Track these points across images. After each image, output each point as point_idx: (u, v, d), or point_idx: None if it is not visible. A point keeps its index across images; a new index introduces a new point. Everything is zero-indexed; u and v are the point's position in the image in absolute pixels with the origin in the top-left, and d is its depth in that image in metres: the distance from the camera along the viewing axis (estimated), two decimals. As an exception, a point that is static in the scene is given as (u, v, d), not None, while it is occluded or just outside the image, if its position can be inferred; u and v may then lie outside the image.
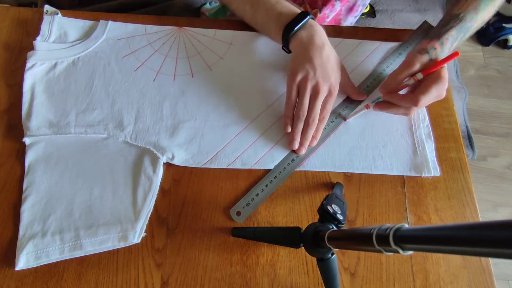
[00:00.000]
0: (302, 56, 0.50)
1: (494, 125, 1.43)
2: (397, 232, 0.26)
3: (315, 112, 0.49)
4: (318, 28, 0.51)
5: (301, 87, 0.50)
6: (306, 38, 0.50)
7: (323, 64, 0.49)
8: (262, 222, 0.48)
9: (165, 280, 0.44)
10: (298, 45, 0.50)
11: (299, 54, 0.50)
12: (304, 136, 0.50)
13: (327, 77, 0.49)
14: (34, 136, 0.49)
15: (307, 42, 0.50)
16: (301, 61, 0.50)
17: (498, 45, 1.56)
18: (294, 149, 0.51)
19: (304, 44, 0.50)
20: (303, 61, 0.49)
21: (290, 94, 0.51)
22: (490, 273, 0.47)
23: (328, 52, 0.50)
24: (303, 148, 0.50)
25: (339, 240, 0.35)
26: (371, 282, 0.46)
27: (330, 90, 0.50)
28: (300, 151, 0.50)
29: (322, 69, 0.49)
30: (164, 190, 0.48)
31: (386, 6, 1.03)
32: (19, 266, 0.42)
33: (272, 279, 0.45)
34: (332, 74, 0.49)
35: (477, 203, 0.51)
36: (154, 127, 0.51)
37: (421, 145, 0.53)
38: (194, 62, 0.56)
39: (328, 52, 0.50)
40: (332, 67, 0.50)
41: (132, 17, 0.59)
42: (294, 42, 0.51)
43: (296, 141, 0.50)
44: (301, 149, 0.50)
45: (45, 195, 0.46)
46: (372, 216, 0.49)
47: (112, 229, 0.45)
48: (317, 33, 0.50)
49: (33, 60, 0.52)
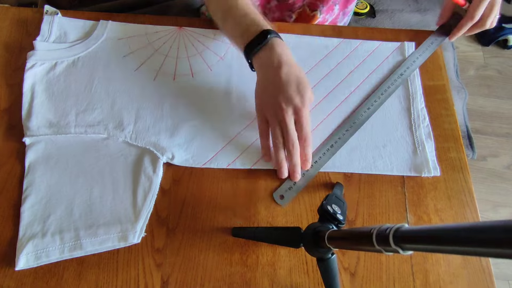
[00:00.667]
0: (263, 82, 0.48)
1: (494, 125, 1.43)
2: (397, 232, 0.26)
3: (291, 137, 0.46)
4: (278, 48, 0.47)
5: (267, 116, 0.48)
6: (264, 59, 0.47)
7: (282, 86, 0.46)
8: (262, 222, 0.48)
9: (165, 280, 0.44)
10: (259, 67, 0.49)
11: (260, 78, 0.49)
12: (291, 163, 0.48)
13: (289, 99, 0.45)
14: (34, 136, 0.49)
15: (265, 63, 0.47)
16: (263, 87, 0.48)
17: (498, 45, 1.56)
18: (283, 177, 0.49)
19: (263, 67, 0.48)
20: (264, 87, 0.48)
21: (260, 125, 0.49)
22: (490, 273, 0.47)
23: (286, 71, 0.46)
24: (297, 175, 0.48)
25: (339, 240, 0.35)
26: (371, 282, 0.46)
27: (296, 111, 0.46)
28: (295, 178, 0.48)
29: (282, 93, 0.46)
30: (164, 190, 0.48)
31: (386, 6, 1.04)
32: (19, 266, 0.42)
33: (272, 279, 0.45)
34: (294, 94, 0.45)
35: (477, 203, 0.51)
36: (154, 127, 0.51)
37: (421, 145, 0.53)
38: (194, 62, 0.56)
39: (286, 72, 0.46)
40: (295, 87, 0.46)
41: (132, 17, 0.59)
42: (255, 63, 0.49)
43: (283, 169, 0.48)
44: (295, 176, 0.48)
45: (45, 195, 0.46)
46: (372, 216, 0.49)
47: (112, 229, 0.45)
48: (274, 53, 0.47)
49: (33, 60, 0.52)
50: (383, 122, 0.54)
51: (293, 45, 0.59)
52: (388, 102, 0.55)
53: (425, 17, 1.02)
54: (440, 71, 0.59)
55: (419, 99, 0.56)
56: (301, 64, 0.57)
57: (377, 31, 0.62)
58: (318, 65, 0.58)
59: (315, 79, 0.56)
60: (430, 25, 0.99)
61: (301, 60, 0.58)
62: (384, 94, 0.56)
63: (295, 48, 0.58)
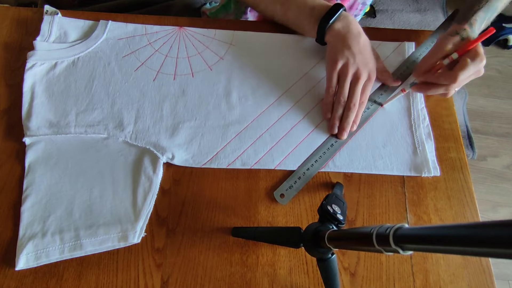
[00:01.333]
0: (340, 45, 0.52)
1: (494, 125, 1.43)
2: (397, 232, 0.26)
3: (356, 97, 0.51)
4: (352, 19, 0.52)
5: (342, 73, 0.51)
6: (342, 29, 0.52)
7: (361, 51, 0.51)
8: (262, 222, 0.48)
9: (165, 280, 0.44)
10: (335, 35, 0.52)
11: (337, 43, 0.52)
12: (346, 121, 0.51)
13: (366, 63, 0.51)
14: (34, 136, 0.49)
15: (344, 32, 0.52)
16: (340, 49, 0.51)
17: (498, 45, 1.56)
18: (334, 133, 0.52)
19: (341, 34, 0.52)
20: (342, 49, 0.51)
21: (331, 81, 0.52)
22: (490, 273, 0.47)
23: (364, 40, 0.52)
24: (344, 133, 0.52)
25: (339, 240, 0.35)
26: (371, 282, 0.46)
27: (370, 75, 0.52)
28: (342, 135, 0.52)
29: (361, 55, 0.51)
30: (164, 190, 0.48)
31: (386, 6, 1.04)
32: (19, 266, 0.42)
33: (272, 279, 0.45)
34: (370, 60, 0.52)
35: (477, 203, 0.51)
36: (154, 127, 0.51)
37: (421, 145, 0.53)
38: (194, 62, 0.56)
39: (364, 40, 0.52)
40: (370, 54, 0.52)
41: (132, 17, 0.59)
42: (330, 34, 0.53)
43: (336, 126, 0.52)
44: (342, 134, 0.52)
45: (45, 195, 0.46)
46: (372, 216, 0.49)
47: (112, 229, 0.45)
48: (352, 23, 0.52)
49: (33, 60, 0.52)
50: (383, 122, 0.54)
51: (293, 44, 0.59)
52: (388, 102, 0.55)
53: (425, 17, 1.02)
54: (440, 71, 0.59)
55: (419, 99, 0.56)
56: (301, 64, 0.57)
57: (377, 31, 0.62)
58: (318, 65, 0.58)
59: (315, 79, 0.56)
60: (430, 25, 0.99)
61: (301, 60, 0.58)
62: (384, 94, 0.56)
63: (295, 47, 0.58)
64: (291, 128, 0.53)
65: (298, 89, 0.56)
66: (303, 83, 0.56)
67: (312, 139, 0.52)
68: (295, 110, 0.54)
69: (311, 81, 0.56)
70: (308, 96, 0.55)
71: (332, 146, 0.52)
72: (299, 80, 0.56)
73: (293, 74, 0.57)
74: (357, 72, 0.51)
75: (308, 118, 0.54)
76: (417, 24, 1.00)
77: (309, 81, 0.56)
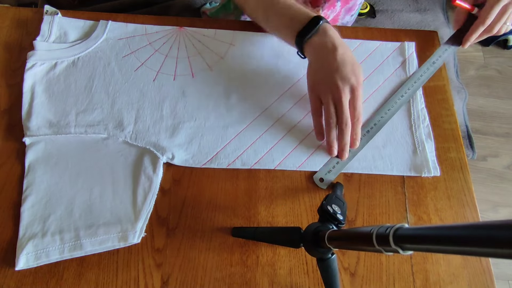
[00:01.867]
0: (316, 64, 0.50)
1: (494, 125, 1.43)
2: (397, 232, 0.26)
3: (345, 116, 0.48)
4: (331, 32, 0.49)
5: (321, 95, 0.49)
6: (319, 44, 0.49)
7: (338, 67, 0.47)
8: (262, 222, 0.48)
9: (165, 280, 0.44)
10: (312, 51, 0.50)
11: (313, 61, 0.50)
12: (342, 142, 0.49)
13: (345, 79, 0.47)
14: (34, 136, 0.49)
15: (319, 47, 0.49)
16: (316, 69, 0.50)
17: (498, 45, 1.56)
18: (334, 156, 0.50)
19: (318, 50, 0.49)
20: (318, 68, 0.49)
21: (314, 104, 0.50)
22: (490, 273, 0.47)
23: (341, 53, 0.48)
24: (345, 153, 0.50)
25: (339, 240, 0.35)
26: (371, 282, 0.46)
27: (352, 89, 0.48)
28: (343, 156, 0.50)
29: (338, 72, 0.47)
30: (164, 190, 0.48)
31: (386, 6, 1.04)
32: (19, 266, 0.42)
33: (272, 279, 0.45)
34: (350, 75, 0.48)
35: (477, 203, 0.51)
36: (154, 127, 0.51)
37: (421, 145, 0.53)
38: (194, 62, 0.56)
39: (341, 54, 0.48)
40: (350, 68, 0.48)
41: (132, 17, 0.59)
42: (307, 49, 0.50)
43: (334, 148, 0.50)
44: (343, 154, 0.50)
45: (45, 195, 0.46)
46: (372, 216, 0.49)
47: (112, 229, 0.45)
48: (328, 37, 0.49)
49: (33, 60, 0.52)
50: (383, 122, 0.54)
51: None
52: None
53: (425, 17, 1.02)
54: (440, 71, 0.59)
55: (419, 99, 0.56)
56: (302, 63, 0.57)
57: (377, 31, 0.62)
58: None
59: (315, 79, 0.56)
60: (430, 25, 0.99)
61: (302, 60, 0.58)
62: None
63: (295, 48, 0.58)
64: (291, 128, 0.53)
65: (298, 89, 0.56)
66: (303, 83, 0.56)
67: (312, 139, 0.52)
68: (295, 110, 0.54)
69: (311, 81, 0.56)
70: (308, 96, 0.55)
71: (372, 129, 0.52)
72: (299, 80, 0.56)
73: (293, 74, 0.57)
74: (337, 91, 0.47)
75: (308, 118, 0.53)
76: (417, 24, 1.00)
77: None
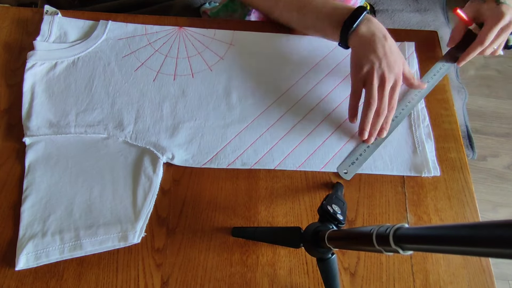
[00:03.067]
0: (365, 49, 0.50)
1: (494, 125, 1.43)
2: (397, 232, 0.26)
3: (384, 102, 0.50)
4: (376, 22, 0.51)
5: (367, 78, 0.50)
6: (366, 32, 0.50)
7: (386, 54, 0.49)
8: (262, 222, 0.48)
9: (165, 280, 0.44)
10: (359, 39, 0.51)
11: (362, 47, 0.51)
12: (374, 127, 0.51)
13: (391, 67, 0.49)
14: (34, 136, 0.49)
15: (368, 35, 0.50)
16: (364, 53, 0.50)
17: (498, 45, 1.56)
18: (364, 139, 0.52)
19: (366, 38, 0.50)
20: (366, 53, 0.50)
21: (356, 86, 0.51)
22: (490, 273, 0.47)
23: (390, 43, 0.50)
24: (372, 138, 0.51)
25: (339, 240, 0.35)
26: (371, 282, 0.46)
27: (396, 79, 0.50)
28: (369, 140, 0.52)
29: (386, 59, 0.49)
30: (164, 190, 0.48)
31: (386, 6, 1.03)
32: (19, 266, 0.42)
33: (272, 279, 0.45)
34: (395, 64, 0.50)
35: (477, 203, 0.51)
36: (154, 127, 0.51)
37: (421, 145, 0.53)
38: (194, 62, 0.56)
39: (390, 44, 0.50)
40: (395, 58, 0.50)
41: (132, 17, 0.59)
42: (354, 38, 0.51)
43: (366, 131, 0.51)
44: (370, 139, 0.51)
45: (45, 195, 0.46)
46: (372, 216, 0.49)
47: (112, 229, 0.45)
48: (376, 26, 0.51)
49: (33, 60, 0.52)
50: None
51: (293, 44, 0.59)
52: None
53: (425, 17, 1.02)
54: (440, 71, 0.59)
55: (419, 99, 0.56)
56: (302, 64, 0.57)
57: (377, 31, 0.62)
58: (319, 65, 0.58)
59: (315, 79, 0.57)
60: (430, 25, 0.99)
61: (301, 60, 0.58)
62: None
63: (295, 47, 0.58)
64: (291, 128, 0.53)
65: (298, 89, 0.56)
66: (303, 83, 0.56)
67: (312, 139, 0.52)
68: (295, 110, 0.54)
69: (311, 81, 0.56)
70: (308, 96, 0.55)
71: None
72: (299, 80, 0.56)
73: (293, 74, 0.57)
74: (383, 76, 0.49)
75: (308, 118, 0.54)
76: (417, 24, 1.00)
77: (309, 81, 0.56)
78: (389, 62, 0.50)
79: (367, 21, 0.51)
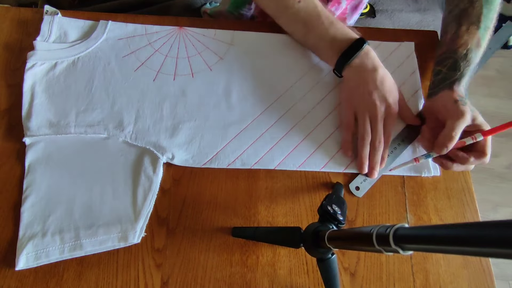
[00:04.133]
0: (356, 81, 0.50)
1: (494, 125, 1.43)
2: (397, 232, 0.26)
3: (379, 134, 0.49)
4: (371, 54, 0.51)
5: (358, 111, 0.50)
6: (359, 65, 0.50)
7: (377, 87, 0.49)
8: (262, 222, 0.48)
9: (165, 281, 0.44)
10: (352, 71, 0.51)
11: (352, 79, 0.51)
12: (374, 160, 0.49)
13: (383, 99, 0.49)
14: (34, 136, 0.49)
15: (360, 68, 0.50)
16: (355, 86, 0.50)
17: (498, 45, 1.56)
18: (364, 173, 0.50)
19: (357, 70, 0.50)
20: (357, 86, 0.50)
21: (348, 120, 0.51)
22: (490, 273, 0.47)
23: (381, 74, 0.50)
24: (375, 172, 0.49)
25: (339, 240, 0.35)
26: (371, 282, 0.46)
27: (389, 111, 0.50)
28: (373, 174, 0.50)
29: (377, 91, 0.49)
30: (164, 190, 0.48)
31: (386, 6, 1.04)
32: (19, 266, 0.42)
33: (272, 279, 0.45)
34: (388, 95, 0.49)
35: (477, 203, 0.51)
36: (154, 127, 0.51)
37: (421, 145, 0.53)
38: (194, 62, 0.56)
39: (381, 75, 0.50)
40: (388, 89, 0.50)
41: (132, 17, 0.59)
42: (348, 69, 0.51)
43: (365, 165, 0.49)
44: (373, 173, 0.49)
45: (45, 195, 0.46)
46: (372, 216, 0.49)
47: (112, 229, 0.45)
48: (370, 59, 0.50)
49: (33, 60, 0.52)
50: (383, 122, 0.54)
51: (293, 44, 0.59)
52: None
53: (425, 17, 1.02)
54: (440, 71, 0.59)
55: (419, 99, 0.56)
56: (301, 64, 0.57)
57: (377, 31, 0.62)
58: (319, 65, 0.58)
59: (315, 79, 0.56)
60: (430, 25, 0.99)
61: (301, 60, 0.58)
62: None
63: (295, 48, 0.58)
64: (291, 128, 0.53)
65: (298, 89, 0.56)
66: (303, 83, 0.56)
67: (312, 139, 0.52)
68: (295, 110, 0.54)
69: (311, 81, 0.56)
70: (308, 96, 0.55)
71: (403, 141, 0.52)
72: (299, 80, 0.56)
73: (293, 74, 0.57)
74: (374, 109, 0.49)
75: (308, 118, 0.54)
76: (417, 24, 1.00)
77: (309, 81, 0.56)
78: (380, 93, 0.49)
79: (364, 54, 0.50)
